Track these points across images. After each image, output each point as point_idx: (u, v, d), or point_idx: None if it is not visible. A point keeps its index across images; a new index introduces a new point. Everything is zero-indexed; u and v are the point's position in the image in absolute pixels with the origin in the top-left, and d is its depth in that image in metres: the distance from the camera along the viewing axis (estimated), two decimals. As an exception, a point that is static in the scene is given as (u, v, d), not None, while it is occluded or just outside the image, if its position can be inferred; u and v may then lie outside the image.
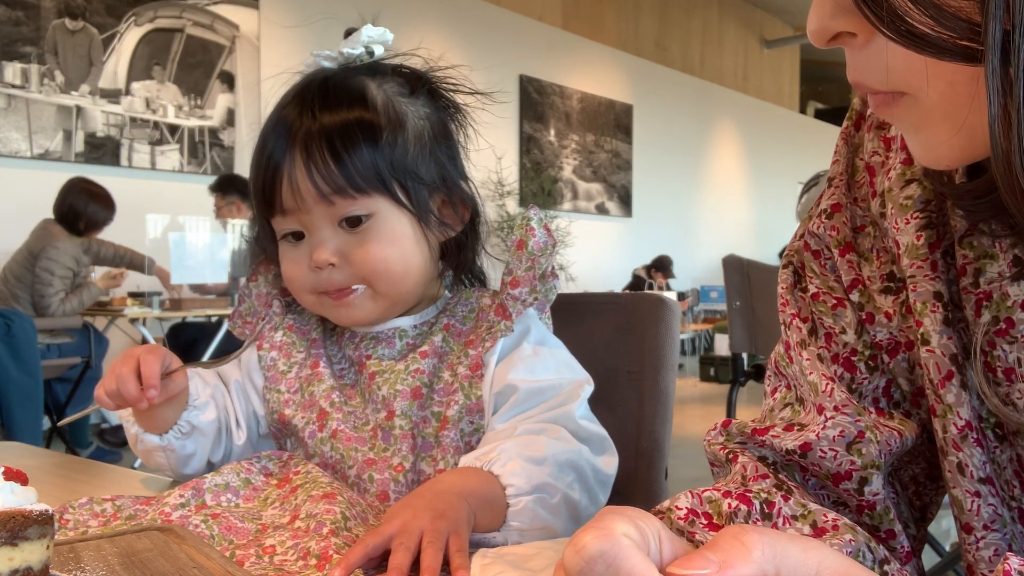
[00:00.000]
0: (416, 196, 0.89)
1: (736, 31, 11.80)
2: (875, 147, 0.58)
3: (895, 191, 0.55)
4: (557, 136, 8.70)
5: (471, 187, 0.95)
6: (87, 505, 0.75)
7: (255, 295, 1.00)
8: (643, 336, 1.04)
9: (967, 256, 0.51)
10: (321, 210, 0.86)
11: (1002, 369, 0.49)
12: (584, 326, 1.06)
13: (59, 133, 5.05)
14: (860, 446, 0.53)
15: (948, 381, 0.51)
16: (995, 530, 0.51)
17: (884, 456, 0.53)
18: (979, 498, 0.51)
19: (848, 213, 0.59)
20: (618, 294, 1.18)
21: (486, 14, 7.83)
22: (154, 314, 4.33)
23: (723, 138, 11.50)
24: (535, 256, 0.87)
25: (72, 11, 5.10)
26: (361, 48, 0.91)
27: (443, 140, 0.93)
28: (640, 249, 9.57)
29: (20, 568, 0.50)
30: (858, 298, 0.57)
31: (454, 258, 0.96)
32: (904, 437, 0.54)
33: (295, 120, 0.87)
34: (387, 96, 0.89)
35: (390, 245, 0.87)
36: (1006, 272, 0.49)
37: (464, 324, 0.92)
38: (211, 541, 0.68)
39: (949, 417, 0.51)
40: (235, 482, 0.81)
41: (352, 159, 0.85)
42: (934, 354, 0.51)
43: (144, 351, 0.88)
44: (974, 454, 0.51)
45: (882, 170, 0.57)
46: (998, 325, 0.49)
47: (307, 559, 0.63)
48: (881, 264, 0.57)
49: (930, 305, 0.52)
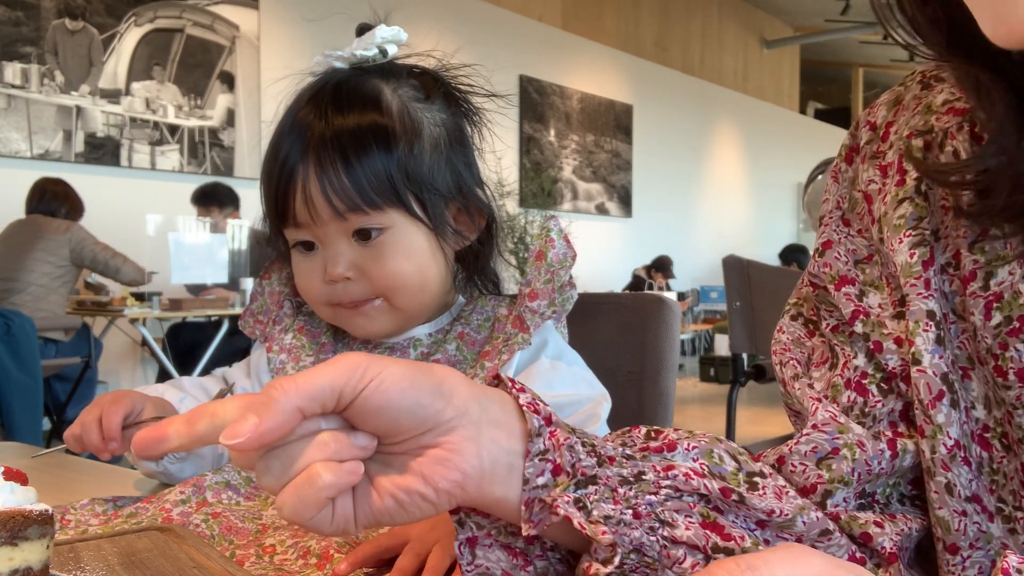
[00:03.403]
0: (432, 208, 0.86)
1: (736, 31, 11.80)
2: (871, 176, 0.58)
3: (889, 213, 0.55)
4: (557, 136, 8.69)
5: (487, 193, 0.93)
6: (88, 506, 0.75)
7: (268, 293, 0.99)
8: (643, 336, 1.04)
9: (978, 261, 0.50)
10: (335, 225, 0.84)
11: (1015, 371, 0.48)
12: (584, 326, 1.06)
13: (59, 133, 5.05)
14: (831, 462, 0.53)
15: (939, 401, 0.51)
16: (979, 548, 0.51)
17: (859, 474, 0.53)
18: (965, 517, 0.51)
19: (843, 248, 0.59)
20: (618, 294, 1.18)
21: (486, 14, 7.83)
22: (154, 314, 4.33)
23: (723, 138, 11.50)
24: (554, 268, 0.86)
25: (72, 11, 5.10)
26: (375, 49, 0.88)
27: (459, 146, 0.91)
28: (640, 249, 9.57)
29: (20, 568, 0.50)
30: (862, 328, 0.56)
31: (470, 265, 0.94)
32: (902, 453, 0.54)
33: (308, 125, 0.84)
34: (402, 102, 0.87)
35: (406, 259, 0.85)
36: (1016, 270, 0.49)
37: (479, 333, 0.91)
38: (211, 541, 0.68)
39: (939, 437, 0.51)
40: (236, 480, 0.81)
41: (365, 169, 0.82)
42: (925, 374, 0.51)
43: (110, 400, 0.86)
44: (961, 473, 0.50)
45: (879, 197, 0.57)
46: (1011, 325, 0.49)
47: (307, 558, 0.63)
48: (892, 291, 0.56)
49: (923, 324, 0.52)
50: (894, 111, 0.58)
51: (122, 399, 0.86)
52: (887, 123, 0.58)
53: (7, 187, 4.73)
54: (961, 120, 0.53)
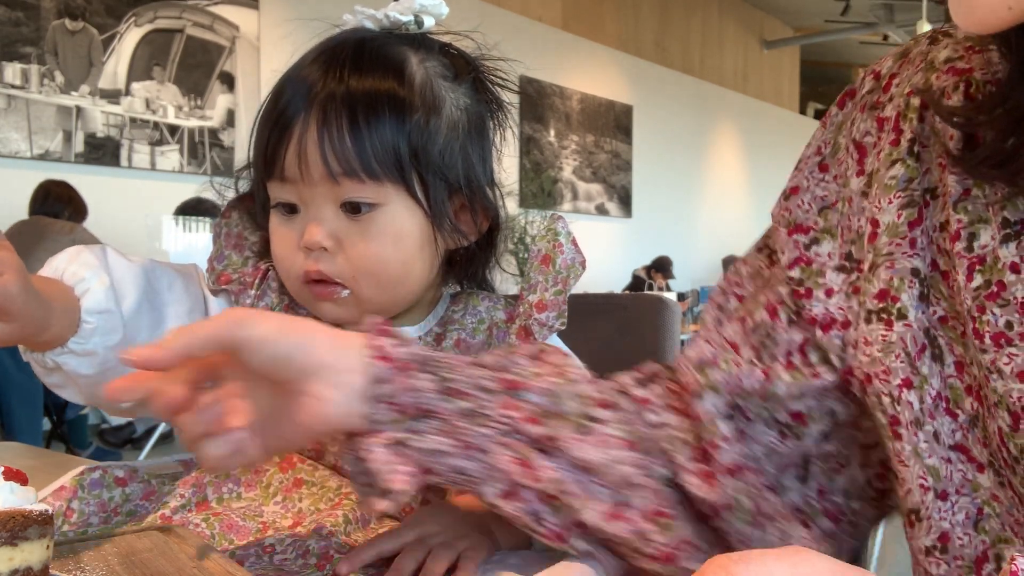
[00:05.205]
0: (434, 193, 0.78)
1: (736, 31, 11.80)
2: (868, 127, 0.59)
3: (881, 171, 0.56)
4: (557, 137, 8.69)
5: (497, 195, 0.86)
6: (96, 490, 0.74)
7: (223, 236, 0.86)
8: (643, 337, 1.04)
9: (961, 220, 0.52)
10: (325, 188, 0.75)
11: (990, 334, 0.50)
12: (584, 327, 1.06)
13: (59, 133, 5.05)
14: (709, 370, 0.61)
15: (922, 354, 0.53)
16: (965, 494, 0.53)
17: (731, 385, 0.60)
18: (950, 464, 0.53)
19: (810, 195, 0.61)
20: (618, 295, 1.17)
21: (486, 14, 7.83)
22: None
23: (723, 139, 11.50)
24: (563, 276, 0.82)
25: (72, 11, 5.10)
26: (411, 16, 0.81)
27: (477, 137, 0.84)
28: (640, 250, 9.57)
29: (20, 568, 0.50)
30: (799, 275, 0.60)
31: (461, 270, 0.86)
32: (773, 382, 0.59)
33: (319, 79, 0.76)
34: (427, 75, 0.79)
35: (392, 245, 0.77)
36: (997, 235, 0.50)
37: (474, 337, 0.84)
38: (211, 540, 0.68)
39: (925, 388, 0.53)
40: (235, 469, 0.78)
41: (372, 135, 0.75)
42: (911, 328, 0.54)
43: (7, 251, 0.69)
44: (944, 423, 0.53)
45: (873, 151, 0.58)
46: (990, 288, 0.50)
47: (307, 558, 0.63)
48: (843, 243, 0.59)
49: (907, 281, 0.54)
50: (899, 63, 0.59)
51: (12, 260, 0.68)
52: (891, 74, 0.59)
53: (7, 187, 4.73)
54: (958, 80, 0.54)
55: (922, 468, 0.53)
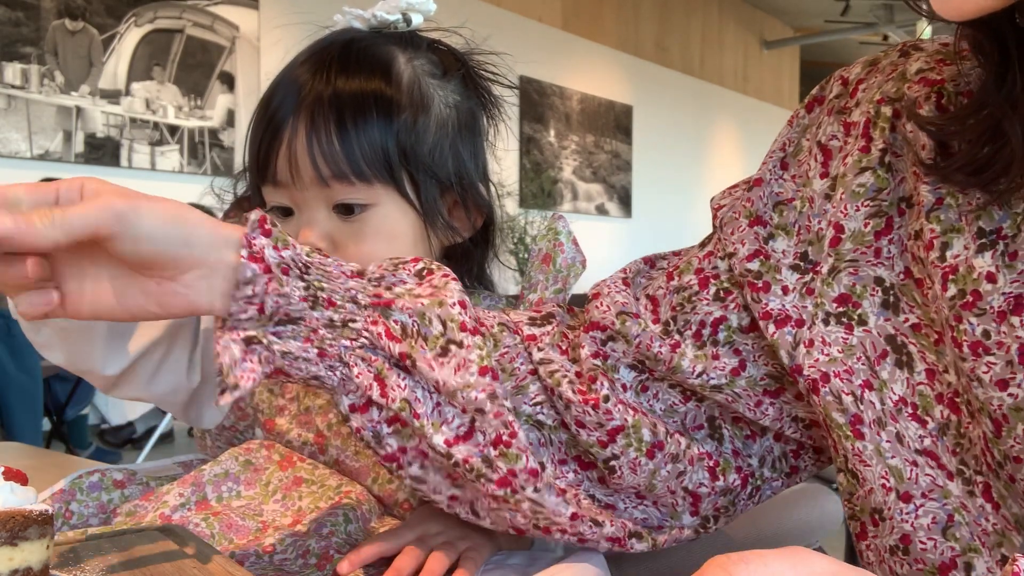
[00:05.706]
0: (425, 192, 0.79)
1: (736, 32, 11.80)
2: (834, 131, 0.59)
3: (849, 177, 0.57)
4: (557, 137, 8.70)
5: (490, 191, 0.87)
6: (95, 493, 0.74)
7: None
8: (643, 336, 1.04)
9: (934, 230, 0.52)
10: (316, 191, 0.76)
11: (968, 343, 0.50)
12: (584, 326, 1.06)
13: (59, 133, 5.05)
14: (628, 321, 0.62)
15: (883, 359, 0.55)
16: (933, 499, 0.53)
17: (641, 343, 0.62)
18: (916, 467, 0.53)
19: (769, 188, 0.62)
20: (618, 294, 1.17)
21: (486, 14, 7.83)
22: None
23: (723, 139, 11.50)
24: (564, 275, 0.82)
25: (72, 11, 5.10)
26: (398, 14, 0.81)
27: (468, 134, 0.84)
28: (640, 250, 9.53)
29: (20, 568, 0.50)
30: (757, 267, 0.60)
31: (458, 266, 0.86)
32: (679, 356, 0.60)
33: (307, 82, 0.77)
34: (415, 74, 0.80)
35: (386, 244, 0.78)
36: (971, 244, 0.50)
37: None
38: (211, 540, 0.68)
39: (885, 391, 0.54)
40: (234, 468, 0.78)
41: (360, 136, 0.75)
42: (870, 333, 0.55)
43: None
44: (909, 427, 0.54)
45: (839, 154, 0.58)
46: (965, 298, 0.50)
47: (307, 558, 0.63)
48: (799, 242, 0.59)
49: (870, 288, 0.56)
50: (868, 70, 0.60)
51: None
52: (858, 80, 0.60)
53: (7, 187, 4.72)
54: (930, 91, 0.54)
55: (884, 468, 0.54)
